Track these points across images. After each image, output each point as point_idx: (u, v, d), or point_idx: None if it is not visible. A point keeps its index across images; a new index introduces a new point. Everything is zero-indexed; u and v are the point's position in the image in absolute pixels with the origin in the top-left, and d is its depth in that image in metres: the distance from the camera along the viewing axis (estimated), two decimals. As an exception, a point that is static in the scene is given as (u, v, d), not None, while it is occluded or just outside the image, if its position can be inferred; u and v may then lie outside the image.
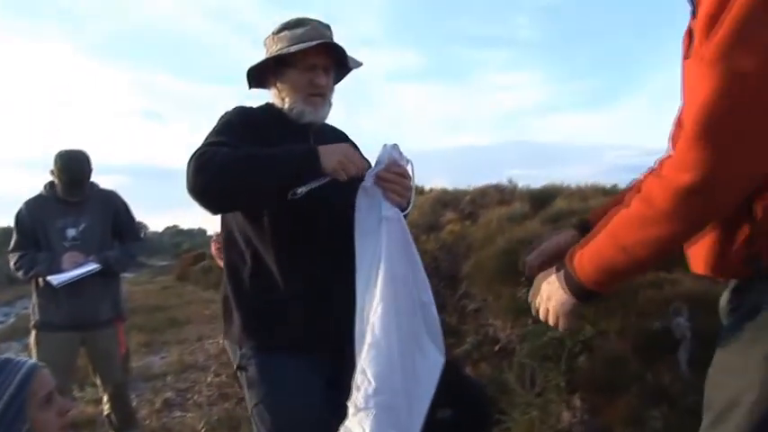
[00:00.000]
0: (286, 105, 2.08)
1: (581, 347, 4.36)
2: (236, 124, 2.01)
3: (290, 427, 1.96)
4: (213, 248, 4.80)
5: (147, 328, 10.06)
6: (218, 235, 4.83)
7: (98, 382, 4.00)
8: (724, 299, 1.42)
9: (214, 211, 1.95)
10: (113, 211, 3.97)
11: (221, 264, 4.71)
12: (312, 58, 2.03)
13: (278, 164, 1.81)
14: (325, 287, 2.01)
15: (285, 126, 2.07)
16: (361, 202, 1.89)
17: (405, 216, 1.93)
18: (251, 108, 2.13)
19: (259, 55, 2.12)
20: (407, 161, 1.92)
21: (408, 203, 1.93)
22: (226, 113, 2.07)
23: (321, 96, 2.08)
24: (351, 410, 1.69)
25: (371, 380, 1.69)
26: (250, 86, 2.14)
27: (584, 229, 1.81)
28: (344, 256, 1.90)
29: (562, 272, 1.43)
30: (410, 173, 1.92)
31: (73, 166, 3.75)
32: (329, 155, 1.81)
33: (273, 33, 2.08)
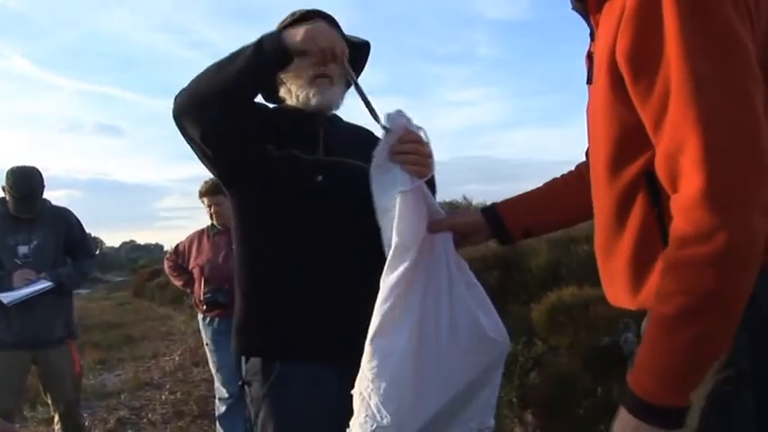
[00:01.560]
0: (293, 96, 1.94)
1: (533, 363, 4.44)
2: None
3: None
4: (166, 266, 4.77)
5: (103, 345, 9.95)
6: (171, 252, 4.82)
7: (49, 401, 3.93)
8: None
9: (195, 130, 1.75)
10: (66, 229, 3.92)
11: (175, 281, 4.72)
12: None
13: (240, 51, 1.69)
14: (336, 288, 1.82)
15: (294, 115, 1.94)
16: (377, 184, 1.66)
17: (431, 185, 1.74)
18: (264, 104, 2.02)
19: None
20: (418, 128, 1.69)
21: (430, 171, 1.71)
22: None
23: (326, 78, 1.89)
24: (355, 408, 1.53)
25: (366, 371, 1.50)
26: (266, 100, 2.04)
27: (491, 214, 1.73)
28: (362, 253, 1.71)
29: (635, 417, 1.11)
30: (425, 138, 1.70)
31: (25, 183, 3.70)
32: (294, 30, 1.64)
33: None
